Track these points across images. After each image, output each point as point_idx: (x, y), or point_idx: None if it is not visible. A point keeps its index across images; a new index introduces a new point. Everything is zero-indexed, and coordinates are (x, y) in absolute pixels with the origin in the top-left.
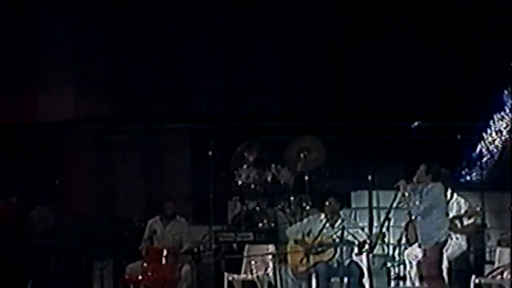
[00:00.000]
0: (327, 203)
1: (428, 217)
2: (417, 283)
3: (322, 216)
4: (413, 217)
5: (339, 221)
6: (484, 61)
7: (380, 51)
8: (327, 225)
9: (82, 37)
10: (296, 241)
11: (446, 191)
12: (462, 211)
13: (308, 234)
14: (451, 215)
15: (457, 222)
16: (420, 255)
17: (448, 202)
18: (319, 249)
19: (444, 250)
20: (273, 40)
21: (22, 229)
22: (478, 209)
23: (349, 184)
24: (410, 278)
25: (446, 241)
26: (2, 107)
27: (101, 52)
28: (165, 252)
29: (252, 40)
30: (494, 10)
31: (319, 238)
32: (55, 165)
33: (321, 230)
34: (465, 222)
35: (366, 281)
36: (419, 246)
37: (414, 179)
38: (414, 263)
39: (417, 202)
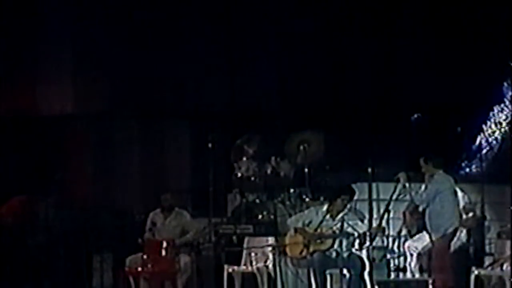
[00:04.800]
0: (339, 200)
1: (432, 206)
2: (417, 275)
3: (325, 207)
4: (418, 205)
5: (341, 214)
6: (484, 52)
7: (380, 43)
8: (327, 217)
9: (82, 31)
10: (296, 230)
11: (454, 182)
12: (461, 205)
13: (308, 225)
14: None
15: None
16: (420, 247)
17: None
18: (319, 240)
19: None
20: (272, 32)
21: (24, 223)
22: (476, 204)
23: (349, 177)
24: (410, 269)
25: (455, 231)
26: (1, 102)
27: (101, 46)
28: (164, 244)
29: (252, 33)
30: (495, 1)
31: (319, 230)
32: (54, 159)
33: (321, 221)
34: (464, 216)
35: (367, 274)
36: (429, 236)
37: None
38: (414, 255)
39: (420, 191)
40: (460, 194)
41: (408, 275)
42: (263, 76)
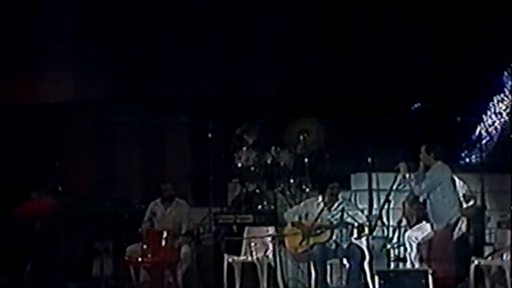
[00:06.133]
0: (328, 189)
1: (434, 196)
2: (417, 265)
3: (320, 199)
4: (418, 196)
5: (337, 204)
6: (484, 42)
7: (379, 32)
8: (324, 208)
9: (81, 18)
10: (293, 224)
11: (453, 172)
12: (461, 195)
13: (305, 217)
14: None
15: None
16: (420, 237)
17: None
18: (318, 231)
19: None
20: (272, 21)
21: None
22: (476, 193)
23: (349, 166)
24: (410, 259)
25: (457, 222)
26: (1, 89)
27: (100, 33)
28: (164, 234)
29: (251, 22)
30: None
31: (318, 221)
32: (55, 147)
33: (320, 213)
34: (464, 205)
35: (367, 264)
36: (431, 227)
37: (420, 164)
38: (414, 245)
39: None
40: (458, 183)
41: (408, 265)
42: (263, 65)
